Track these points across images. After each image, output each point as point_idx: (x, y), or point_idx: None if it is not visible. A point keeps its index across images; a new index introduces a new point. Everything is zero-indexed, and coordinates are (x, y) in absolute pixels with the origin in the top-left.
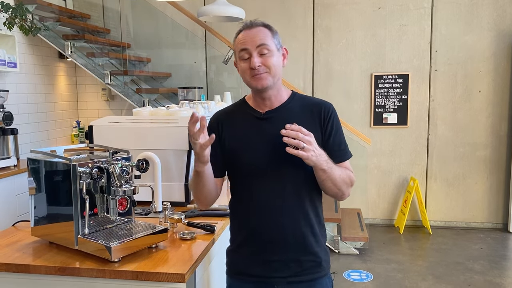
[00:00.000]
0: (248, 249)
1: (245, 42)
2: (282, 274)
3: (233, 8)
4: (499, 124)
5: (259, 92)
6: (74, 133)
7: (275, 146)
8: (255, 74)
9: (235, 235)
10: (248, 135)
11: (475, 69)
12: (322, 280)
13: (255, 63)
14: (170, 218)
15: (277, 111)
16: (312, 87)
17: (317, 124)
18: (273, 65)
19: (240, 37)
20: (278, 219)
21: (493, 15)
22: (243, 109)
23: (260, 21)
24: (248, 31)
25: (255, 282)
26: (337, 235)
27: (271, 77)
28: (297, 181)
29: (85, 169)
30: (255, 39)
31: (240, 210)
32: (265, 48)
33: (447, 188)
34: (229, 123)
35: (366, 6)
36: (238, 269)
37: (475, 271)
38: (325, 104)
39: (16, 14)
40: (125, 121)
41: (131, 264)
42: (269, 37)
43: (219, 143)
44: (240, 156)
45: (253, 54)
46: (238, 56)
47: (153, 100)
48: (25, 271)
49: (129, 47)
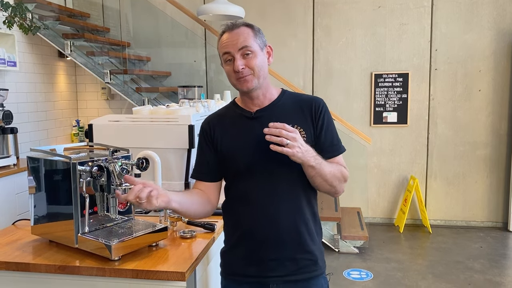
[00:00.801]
0: (243, 249)
1: (227, 45)
2: (277, 273)
3: (233, 7)
4: (499, 123)
5: (246, 93)
6: (73, 132)
7: (266, 145)
8: (239, 77)
9: (229, 236)
10: (239, 136)
11: (475, 67)
12: (318, 280)
13: (238, 66)
14: (170, 216)
15: (267, 109)
16: (312, 86)
17: (308, 120)
18: (257, 66)
19: (222, 40)
20: (273, 218)
21: (493, 13)
22: (233, 111)
23: (242, 21)
24: (230, 33)
25: (250, 283)
26: (337, 234)
27: (256, 78)
28: (290, 179)
29: (85, 168)
30: (237, 41)
31: (234, 210)
32: (248, 49)
33: (447, 187)
34: (221, 125)
35: (366, 4)
36: (232, 270)
37: (475, 270)
38: (316, 100)
39: (15, 13)
40: (125, 119)
41: (131, 263)
42: (251, 38)
43: (212, 147)
44: (233, 157)
45: (236, 56)
46: (222, 59)
47: (153, 99)
48: (25, 269)
49: (128, 46)
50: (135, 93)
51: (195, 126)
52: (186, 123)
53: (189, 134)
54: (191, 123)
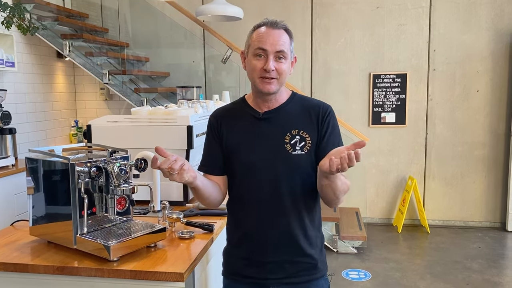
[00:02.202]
0: (243, 250)
1: (265, 42)
2: (277, 275)
3: (232, 7)
4: (497, 123)
5: (262, 95)
6: (72, 133)
7: (271, 147)
8: (265, 77)
9: (231, 235)
10: (245, 135)
11: (473, 68)
12: (318, 282)
13: (271, 67)
14: (169, 217)
15: (276, 111)
16: (310, 87)
17: (314, 125)
18: (284, 72)
19: (260, 33)
20: (273, 220)
21: (491, 14)
22: (242, 108)
23: (284, 23)
24: (271, 30)
25: (250, 284)
26: (336, 234)
27: (279, 84)
28: (292, 183)
29: (83, 169)
30: (277, 42)
31: (236, 210)
32: (282, 54)
33: (445, 187)
34: (228, 121)
35: (364, 5)
36: (233, 270)
37: (473, 270)
38: (323, 106)
39: (14, 13)
40: (123, 120)
41: (130, 263)
42: (288, 44)
43: (219, 141)
44: (237, 155)
45: (270, 57)
46: (252, 52)
47: (151, 100)
48: (24, 270)
49: (127, 46)
50: (134, 93)
51: (193, 127)
52: (185, 124)
53: (188, 135)
54: (189, 124)
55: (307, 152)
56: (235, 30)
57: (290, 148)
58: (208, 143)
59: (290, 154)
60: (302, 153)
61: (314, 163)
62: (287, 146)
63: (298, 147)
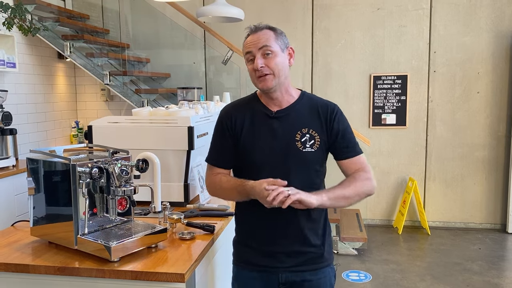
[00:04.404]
0: (253, 241)
1: (249, 46)
2: (286, 264)
3: (232, 9)
4: (498, 125)
5: (266, 93)
6: (73, 134)
7: (283, 145)
8: (259, 76)
9: (240, 226)
10: (258, 133)
11: (473, 70)
12: (325, 270)
13: (258, 64)
14: (170, 218)
15: (287, 111)
16: (311, 88)
17: (323, 125)
18: (276, 66)
19: (246, 41)
20: (282, 214)
21: (492, 16)
22: (255, 105)
23: (265, 24)
24: (254, 35)
25: (260, 271)
26: (336, 236)
27: (276, 78)
28: (301, 178)
29: (84, 169)
30: (258, 41)
31: (246, 204)
32: (268, 49)
33: (446, 188)
34: (241, 117)
35: (365, 7)
36: (244, 259)
37: (473, 272)
38: (330, 105)
39: (15, 14)
40: (124, 121)
41: (131, 264)
42: (272, 39)
43: (234, 136)
44: (250, 153)
45: (256, 55)
46: (245, 59)
47: (152, 101)
48: (24, 271)
49: (128, 47)
50: (135, 94)
51: (194, 128)
52: (186, 124)
53: (189, 135)
54: (190, 125)
55: (316, 150)
56: (235, 32)
57: (300, 145)
58: (219, 138)
59: (300, 151)
60: (312, 150)
61: (322, 160)
62: (297, 144)
63: (308, 145)
